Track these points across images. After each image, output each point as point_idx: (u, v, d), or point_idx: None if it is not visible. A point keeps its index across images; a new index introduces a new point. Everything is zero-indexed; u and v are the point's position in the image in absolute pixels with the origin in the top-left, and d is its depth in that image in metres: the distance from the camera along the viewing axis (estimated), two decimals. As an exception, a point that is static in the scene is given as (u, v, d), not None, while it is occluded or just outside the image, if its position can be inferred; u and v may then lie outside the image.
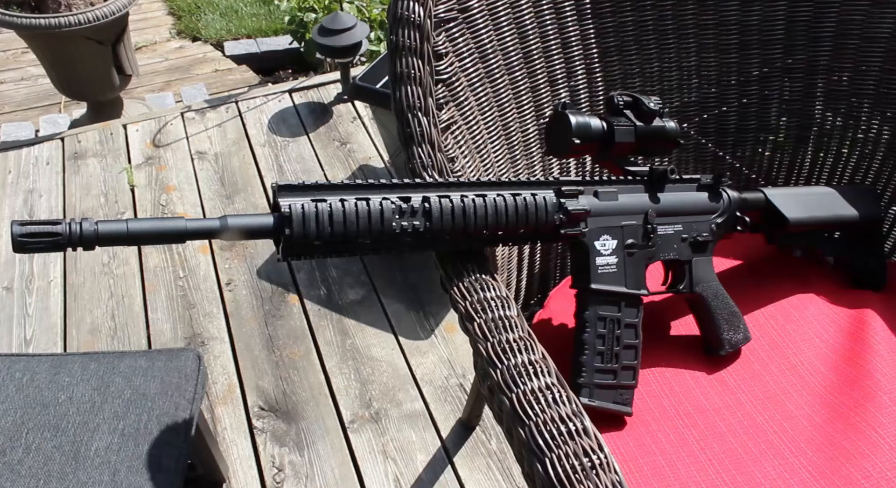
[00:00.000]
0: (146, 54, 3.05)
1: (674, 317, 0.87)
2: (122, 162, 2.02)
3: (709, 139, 0.96)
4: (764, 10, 0.89)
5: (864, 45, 0.88)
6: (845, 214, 0.89)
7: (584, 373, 0.72)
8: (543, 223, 0.68)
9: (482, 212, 0.64)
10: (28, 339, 1.56)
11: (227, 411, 1.40)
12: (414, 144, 0.71)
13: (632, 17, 0.88)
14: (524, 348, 0.59)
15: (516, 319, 0.62)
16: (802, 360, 0.83)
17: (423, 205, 0.62)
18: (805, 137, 0.96)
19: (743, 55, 0.91)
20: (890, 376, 0.79)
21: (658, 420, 0.77)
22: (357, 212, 0.59)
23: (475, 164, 0.78)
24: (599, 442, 0.52)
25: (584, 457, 0.50)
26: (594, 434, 0.52)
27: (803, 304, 0.89)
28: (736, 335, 0.82)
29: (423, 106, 0.71)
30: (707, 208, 0.80)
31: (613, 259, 0.73)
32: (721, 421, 0.77)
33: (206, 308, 1.61)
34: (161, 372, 0.97)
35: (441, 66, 0.74)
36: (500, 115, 0.82)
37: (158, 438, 0.90)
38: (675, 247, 0.78)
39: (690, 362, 0.83)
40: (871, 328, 0.84)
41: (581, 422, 0.53)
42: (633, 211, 0.75)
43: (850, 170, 0.96)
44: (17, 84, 2.95)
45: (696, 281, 0.80)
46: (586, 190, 0.72)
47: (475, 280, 0.65)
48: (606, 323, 0.73)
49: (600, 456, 0.50)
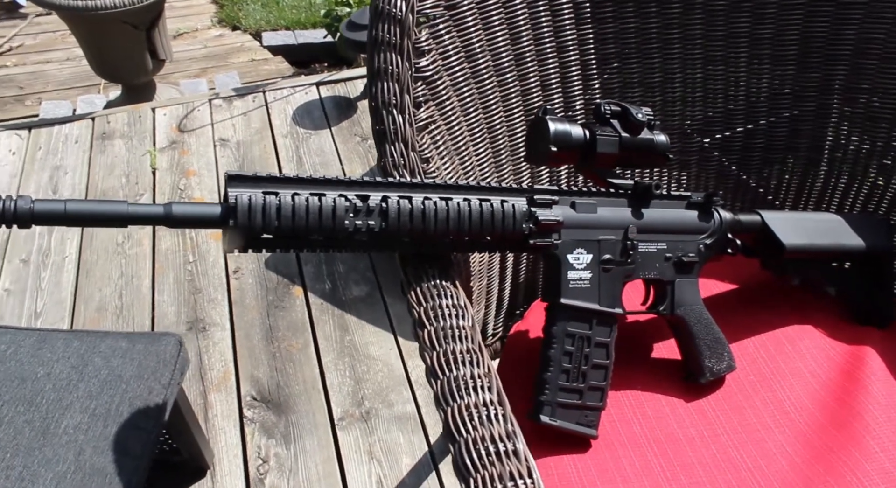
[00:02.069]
0: (186, 41, 3.10)
1: (657, 340, 0.83)
2: (146, 144, 2.05)
3: (708, 155, 0.91)
4: (778, 23, 0.84)
5: (883, 65, 0.83)
6: (850, 244, 0.83)
7: (546, 391, 0.69)
8: (511, 231, 0.65)
9: (443, 216, 0.62)
10: (38, 312, 1.59)
11: (219, 398, 1.41)
12: (387, 142, 0.69)
13: (634, 23, 0.84)
14: (470, 361, 0.56)
15: (469, 330, 0.59)
16: (790, 396, 0.78)
17: (379, 204, 0.60)
18: (816, 160, 0.91)
19: (752, 70, 0.87)
20: (881, 419, 0.74)
21: (625, 445, 0.73)
22: (307, 207, 0.57)
23: (454, 167, 0.76)
24: (529, 467, 0.49)
25: (508, 481, 0.48)
26: (525, 457, 0.49)
27: (798, 336, 0.84)
28: (719, 363, 0.77)
29: (398, 103, 0.69)
30: (695, 227, 0.76)
31: (587, 274, 0.70)
32: (692, 452, 0.73)
33: (212, 294, 1.62)
34: (140, 355, 0.97)
35: (422, 64, 0.71)
36: (486, 118, 0.79)
37: (128, 421, 0.89)
38: (657, 267, 0.75)
39: (669, 388, 0.79)
40: (868, 367, 0.79)
41: (513, 444, 0.50)
42: (612, 225, 0.71)
43: (862, 197, 0.90)
44: (63, 64, 3.03)
45: (679, 303, 0.76)
46: (562, 200, 0.69)
47: (434, 285, 0.63)
48: (575, 340, 0.70)
49: (527, 482, 0.48)
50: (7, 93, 2.84)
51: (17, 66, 3.04)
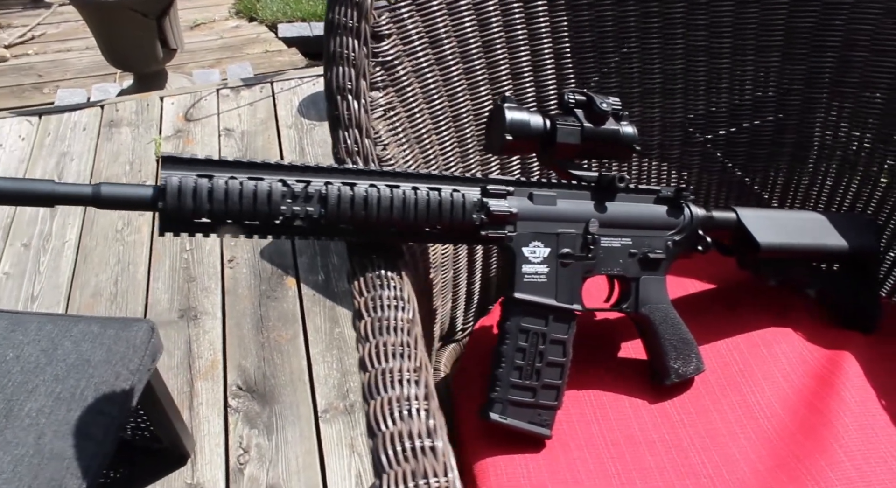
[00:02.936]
0: (203, 31, 3.12)
1: (626, 339, 0.81)
2: (152, 132, 2.06)
3: (690, 148, 0.88)
4: (762, 12, 0.81)
5: (872, 58, 0.79)
6: (832, 245, 0.80)
7: (497, 388, 0.67)
8: (460, 222, 0.63)
9: (387, 205, 0.60)
10: (34, 296, 1.60)
11: (205, 386, 1.41)
12: (340, 128, 0.68)
13: (612, 11, 0.81)
14: (401, 354, 0.54)
15: (407, 323, 0.57)
16: (760, 400, 0.75)
17: (319, 190, 0.58)
18: (803, 157, 0.87)
19: (736, 61, 0.84)
20: (851, 427, 0.70)
21: (582, 447, 0.71)
22: (241, 191, 0.56)
23: (414, 155, 0.74)
24: (446, 466, 0.47)
25: (420, 479, 0.46)
26: (443, 455, 0.47)
27: (775, 339, 0.81)
28: (685, 365, 0.74)
29: (354, 88, 0.68)
30: (663, 223, 0.73)
31: (543, 268, 0.68)
32: (652, 456, 0.70)
33: (206, 282, 1.62)
34: (110, 340, 0.97)
35: (381, 48, 0.70)
36: (452, 106, 0.77)
37: (92, 406, 0.89)
38: (620, 263, 0.72)
39: (634, 389, 0.76)
40: (844, 373, 0.76)
41: (432, 441, 0.48)
42: (572, 218, 0.69)
43: (850, 196, 0.87)
44: (82, 53, 3.06)
45: (644, 301, 0.73)
46: (518, 191, 0.67)
47: (378, 276, 0.61)
48: (529, 336, 0.68)
49: (440, 481, 0.46)
50: (26, 80, 2.88)
51: (38, 55, 3.08)
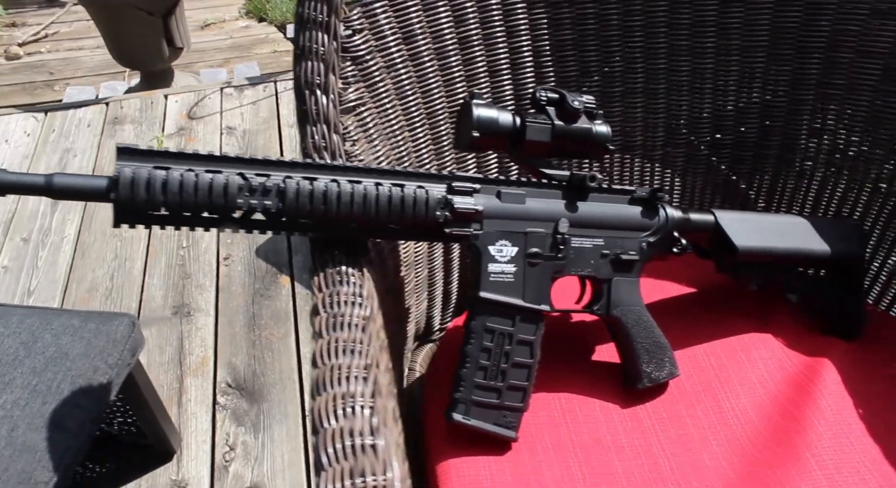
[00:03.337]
0: (213, 31, 3.14)
1: (600, 342, 0.79)
2: (155, 130, 2.07)
3: (674, 150, 0.87)
4: (747, 12, 0.79)
5: (858, 59, 0.77)
6: (814, 249, 0.78)
7: (461, 388, 0.66)
8: (423, 218, 0.62)
9: (347, 200, 0.59)
10: (31, 290, 1.61)
11: (195, 383, 1.41)
12: (308, 123, 0.67)
13: (593, 9, 0.80)
14: (352, 350, 0.53)
15: (363, 320, 0.57)
16: (734, 406, 0.73)
17: (277, 185, 0.58)
18: (789, 159, 0.85)
19: (720, 61, 0.82)
20: (825, 436, 0.68)
21: (549, 450, 0.69)
22: (197, 184, 0.56)
23: (385, 151, 0.73)
24: (386, 465, 0.46)
25: (358, 477, 0.45)
26: (384, 454, 0.47)
27: (754, 345, 0.79)
28: (658, 369, 0.73)
29: (323, 83, 0.67)
30: (637, 224, 0.72)
31: (511, 267, 0.67)
32: (620, 460, 0.69)
33: (200, 280, 1.63)
34: (90, 333, 0.97)
35: (352, 43, 0.69)
36: (426, 103, 0.76)
37: (68, 399, 0.89)
38: (591, 263, 0.71)
39: (606, 392, 0.75)
40: (821, 380, 0.74)
41: (374, 439, 0.47)
42: (541, 217, 0.68)
43: (836, 201, 0.85)
44: (93, 51, 3.09)
45: (616, 303, 0.72)
46: (486, 189, 0.66)
47: (338, 272, 0.61)
48: (495, 336, 0.67)
49: (378, 479, 0.45)
50: (38, 78, 2.91)
51: (51, 53, 3.12)
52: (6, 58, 3.07)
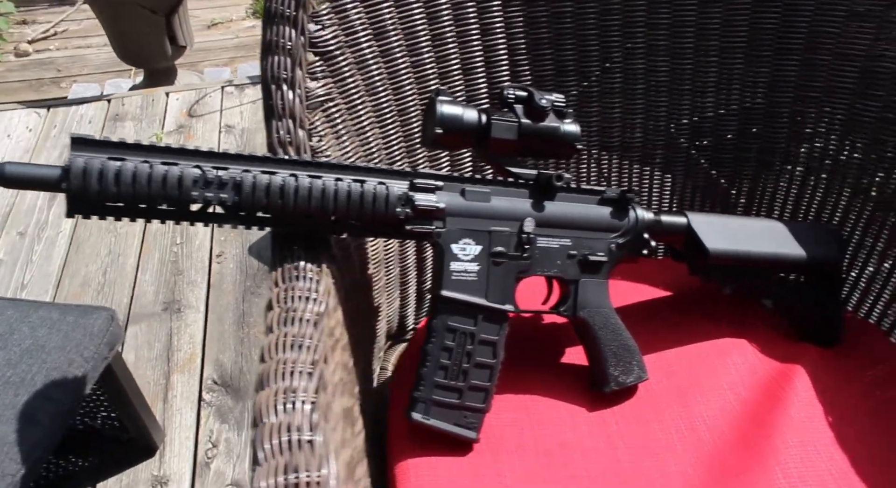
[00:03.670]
0: (220, 31, 3.16)
1: (570, 344, 0.78)
2: (155, 127, 2.08)
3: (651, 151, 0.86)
4: (725, 12, 0.78)
5: (836, 61, 0.76)
6: (789, 254, 0.77)
7: (421, 387, 0.66)
8: (382, 214, 0.62)
9: (304, 194, 0.59)
10: (24, 284, 1.62)
11: (181, 379, 1.41)
12: (274, 118, 0.67)
13: (570, 8, 0.79)
14: (300, 345, 0.53)
15: (316, 315, 0.56)
16: (703, 412, 0.72)
17: (233, 178, 0.57)
18: (768, 162, 0.84)
19: (699, 62, 0.81)
20: (791, 443, 0.67)
21: (511, 452, 0.69)
22: (150, 175, 0.55)
23: (354, 148, 0.73)
24: (322, 461, 0.45)
25: (291, 473, 0.44)
26: (321, 450, 0.46)
27: (728, 350, 0.78)
28: (626, 373, 0.72)
29: (289, 78, 0.67)
30: (606, 225, 0.71)
31: (474, 266, 0.66)
32: (584, 464, 0.68)
33: (192, 276, 1.63)
34: (68, 326, 0.97)
35: (320, 38, 0.69)
36: (398, 100, 0.76)
37: (41, 391, 0.89)
38: (558, 264, 0.70)
39: (573, 395, 0.74)
40: (793, 387, 0.73)
41: (312, 435, 0.47)
42: (506, 216, 0.67)
43: (816, 205, 0.83)
44: (101, 49, 3.11)
45: (582, 304, 0.71)
46: (450, 186, 0.65)
47: (296, 267, 0.60)
48: (457, 335, 0.66)
49: (312, 476, 0.44)
50: (46, 75, 2.94)
51: (59, 50, 3.15)
52: (16, 55, 3.10)
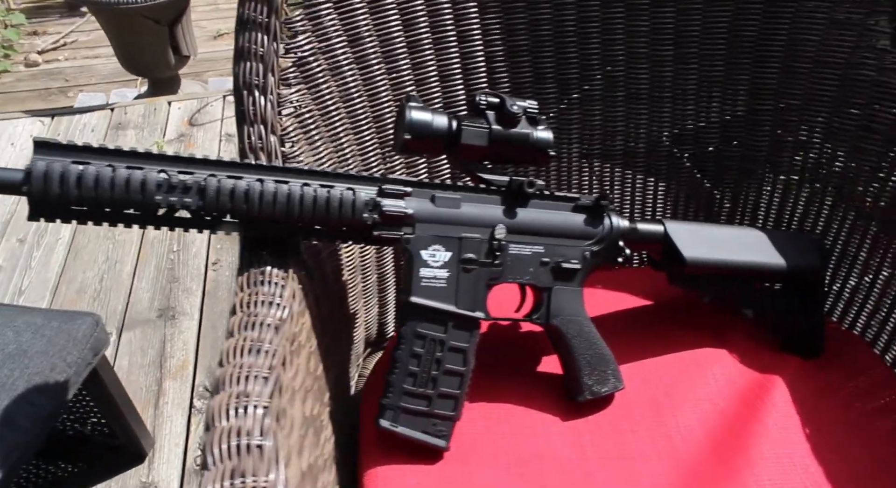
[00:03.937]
0: (225, 41, 3.19)
1: (546, 352, 0.78)
2: (156, 135, 2.10)
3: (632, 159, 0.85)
4: (705, 19, 0.78)
5: (816, 69, 0.75)
6: (769, 263, 0.76)
7: (390, 394, 0.65)
8: (349, 220, 0.61)
9: (269, 199, 0.59)
10: (22, 290, 1.63)
11: (174, 386, 1.41)
12: (246, 124, 0.67)
13: (549, 14, 0.79)
14: (258, 349, 0.53)
15: (276, 320, 0.56)
16: (680, 422, 0.71)
17: (197, 182, 0.57)
18: (749, 170, 0.83)
19: (679, 70, 0.81)
20: (766, 455, 0.66)
21: (481, 461, 0.68)
22: (113, 179, 0.55)
23: (328, 154, 0.73)
24: (270, 466, 0.45)
25: (238, 478, 0.44)
26: (271, 454, 0.46)
27: (708, 361, 0.77)
28: (600, 382, 0.71)
29: (261, 84, 0.67)
30: (580, 232, 0.71)
31: (443, 273, 0.66)
32: (555, 474, 0.67)
33: (188, 284, 1.64)
34: (52, 331, 0.97)
35: (294, 45, 0.69)
36: (373, 107, 0.76)
37: (22, 396, 0.89)
38: (530, 271, 0.69)
39: (547, 404, 0.73)
40: (771, 398, 0.72)
41: (262, 440, 0.46)
42: (476, 223, 0.66)
43: (798, 214, 0.82)
44: (109, 59, 3.14)
45: (556, 312, 0.71)
46: (419, 192, 0.65)
47: (262, 272, 0.60)
48: (426, 342, 0.65)
49: (259, 480, 0.44)
50: (54, 84, 2.98)
51: (68, 60, 3.19)
52: (25, 65, 3.15)
